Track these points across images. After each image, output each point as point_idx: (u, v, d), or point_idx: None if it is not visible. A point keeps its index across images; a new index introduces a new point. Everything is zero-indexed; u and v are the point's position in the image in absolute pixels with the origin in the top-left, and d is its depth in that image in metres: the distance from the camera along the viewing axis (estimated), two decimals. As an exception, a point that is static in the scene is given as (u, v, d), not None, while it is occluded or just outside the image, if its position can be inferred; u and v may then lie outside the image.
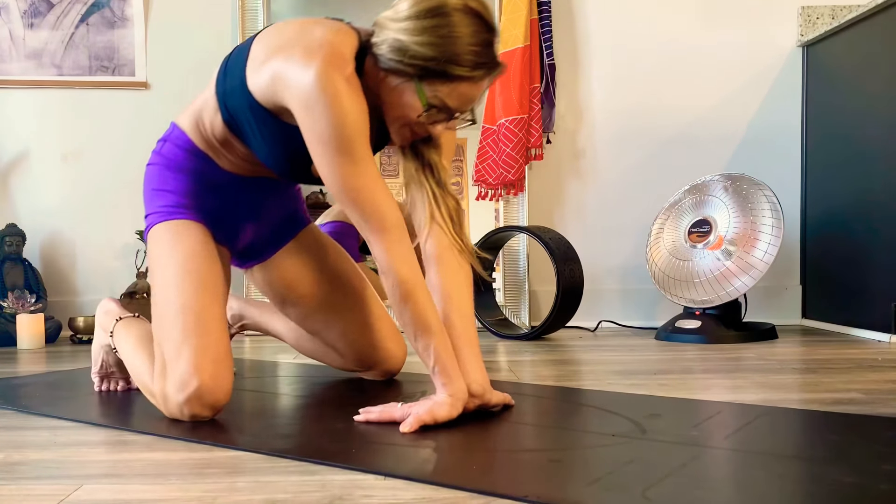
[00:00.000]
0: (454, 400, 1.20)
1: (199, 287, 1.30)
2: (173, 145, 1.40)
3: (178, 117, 1.42)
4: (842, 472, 0.94)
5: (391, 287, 1.22)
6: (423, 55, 1.18)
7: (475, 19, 1.19)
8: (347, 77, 1.19)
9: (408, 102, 1.23)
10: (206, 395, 1.23)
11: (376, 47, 1.23)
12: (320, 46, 1.19)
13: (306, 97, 1.17)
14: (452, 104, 1.22)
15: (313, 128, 1.19)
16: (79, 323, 2.55)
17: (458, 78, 1.19)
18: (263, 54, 1.25)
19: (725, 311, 2.36)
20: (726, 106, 2.81)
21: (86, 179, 2.77)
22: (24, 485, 0.96)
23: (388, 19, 1.23)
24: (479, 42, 1.19)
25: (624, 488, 0.89)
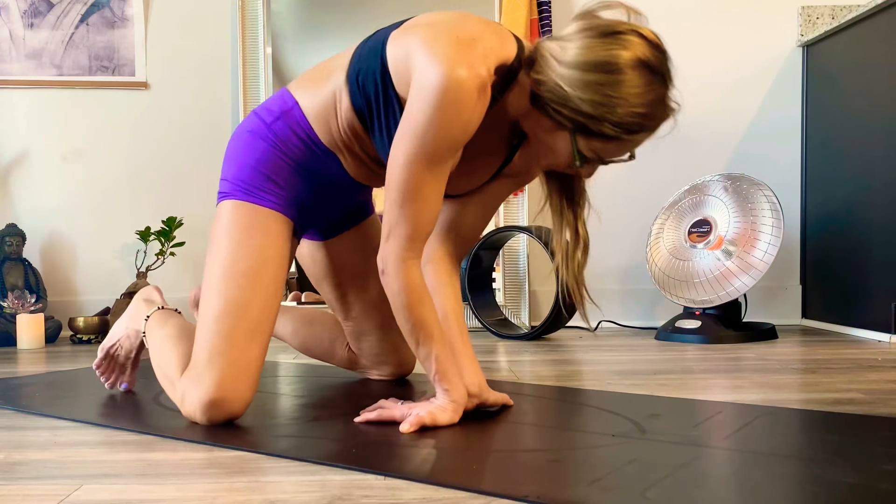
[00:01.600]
0: (456, 405, 1.20)
1: (259, 299, 1.24)
2: (289, 129, 1.27)
3: (297, 93, 1.28)
4: (842, 472, 0.94)
5: (399, 290, 1.18)
6: (584, 112, 1.10)
7: (647, 75, 1.09)
8: (478, 83, 1.10)
9: (560, 149, 1.16)
10: (225, 408, 1.21)
11: (536, 80, 1.14)
12: (468, 40, 1.12)
13: (425, 84, 1.10)
14: (607, 156, 1.16)
15: (414, 116, 1.12)
16: (79, 323, 2.55)
17: (615, 139, 1.12)
18: (412, 25, 1.17)
19: (725, 311, 2.36)
20: (726, 106, 2.81)
21: (86, 179, 2.77)
22: (24, 485, 0.96)
23: (553, 57, 1.12)
24: (648, 102, 1.10)
25: (624, 488, 0.89)
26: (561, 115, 1.12)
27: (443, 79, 1.09)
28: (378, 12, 2.74)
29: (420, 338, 1.20)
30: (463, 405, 1.22)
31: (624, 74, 1.08)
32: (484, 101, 1.13)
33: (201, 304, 1.27)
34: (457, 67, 1.09)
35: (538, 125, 1.18)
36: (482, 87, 1.12)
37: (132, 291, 2.57)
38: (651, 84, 1.10)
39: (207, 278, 1.26)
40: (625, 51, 1.09)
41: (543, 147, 1.20)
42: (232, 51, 2.77)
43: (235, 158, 1.31)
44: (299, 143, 1.27)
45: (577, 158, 1.15)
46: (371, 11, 2.74)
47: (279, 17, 2.77)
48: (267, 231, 1.26)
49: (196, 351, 1.25)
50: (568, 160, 1.17)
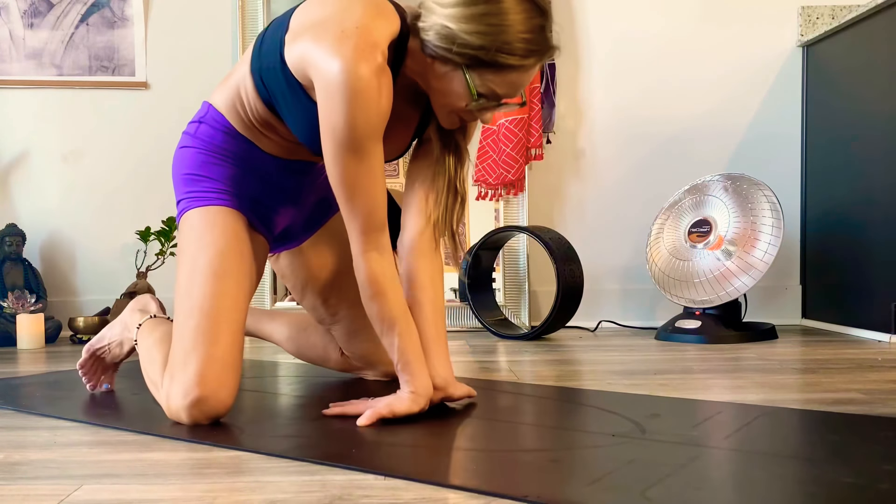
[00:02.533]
0: (416, 396, 1.23)
1: (221, 289, 1.26)
2: (209, 127, 1.33)
3: (212, 96, 1.36)
4: (842, 472, 0.94)
5: (362, 282, 1.24)
6: (472, 44, 1.15)
7: (526, 3, 1.16)
8: (376, 69, 1.14)
9: (456, 90, 1.20)
10: (206, 406, 1.21)
11: (423, 32, 1.19)
12: (354, 31, 1.14)
13: (327, 85, 1.13)
14: (502, 92, 1.20)
15: (328, 117, 1.16)
16: (79, 323, 2.55)
17: (509, 67, 1.17)
18: (300, 27, 1.20)
19: (725, 311, 2.36)
20: (726, 106, 2.81)
21: (86, 179, 2.77)
22: (24, 485, 0.96)
23: (435, 3, 1.18)
24: (531, 28, 1.16)
25: (624, 488, 0.89)
26: (451, 53, 1.17)
27: (342, 76, 1.12)
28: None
29: (383, 328, 1.25)
30: (425, 395, 1.24)
31: (504, 3, 1.14)
32: (387, 84, 1.16)
33: (175, 308, 1.29)
34: (352, 61, 1.12)
35: (434, 72, 1.21)
36: (381, 71, 1.14)
37: (132, 291, 2.57)
38: (531, 11, 1.16)
39: (177, 283, 1.30)
40: None
41: (441, 95, 1.23)
42: (232, 51, 2.77)
43: (176, 176, 1.37)
44: (221, 137, 1.32)
45: (473, 95, 1.19)
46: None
47: (279, 17, 2.77)
48: (219, 226, 1.30)
49: (172, 352, 1.26)
50: (465, 100, 1.20)
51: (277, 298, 2.76)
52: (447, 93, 1.22)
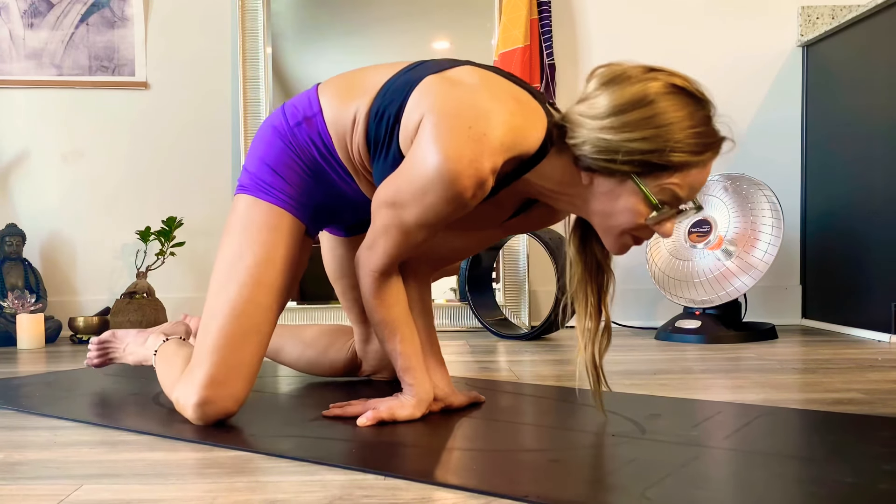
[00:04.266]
0: (418, 401, 1.24)
1: (258, 298, 1.22)
2: (309, 138, 1.24)
3: (324, 99, 1.24)
4: (842, 472, 0.94)
5: (368, 291, 1.22)
6: (640, 149, 1.05)
7: (684, 98, 1.07)
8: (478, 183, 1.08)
9: (629, 206, 1.09)
10: (210, 409, 1.21)
11: (575, 148, 1.10)
12: (482, 138, 1.07)
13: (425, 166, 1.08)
14: (683, 194, 1.10)
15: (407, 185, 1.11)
16: (79, 323, 2.55)
17: (685, 165, 1.07)
18: (435, 88, 1.13)
19: (725, 311, 2.36)
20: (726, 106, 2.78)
21: (86, 179, 2.77)
22: (24, 485, 0.96)
23: (583, 116, 1.10)
24: (699, 121, 1.07)
25: (624, 488, 0.89)
26: (616, 164, 1.07)
27: (440, 168, 1.07)
28: (377, 12, 2.74)
29: (386, 334, 1.24)
30: (427, 401, 1.25)
31: (661, 103, 1.06)
32: (480, 195, 1.10)
33: (207, 299, 1.27)
34: (457, 162, 1.06)
35: (593, 195, 1.12)
36: (479, 185, 1.09)
37: (132, 291, 2.58)
38: (691, 105, 1.08)
39: (214, 274, 1.26)
40: (653, 82, 1.07)
41: (606, 217, 1.13)
42: (232, 51, 2.77)
43: (256, 153, 1.29)
44: (317, 153, 1.26)
45: (654, 203, 1.08)
46: (371, 11, 2.74)
47: (279, 17, 2.77)
48: (276, 230, 1.25)
49: (196, 348, 1.25)
50: (641, 215, 1.10)
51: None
52: (616, 212, 1.11)
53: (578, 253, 1.22)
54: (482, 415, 1.29)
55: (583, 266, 1.21)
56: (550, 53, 2.70)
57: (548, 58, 2.69)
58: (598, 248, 1.22)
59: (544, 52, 2.69)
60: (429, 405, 1.26)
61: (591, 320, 1.21)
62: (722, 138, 1.11)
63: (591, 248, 1.22)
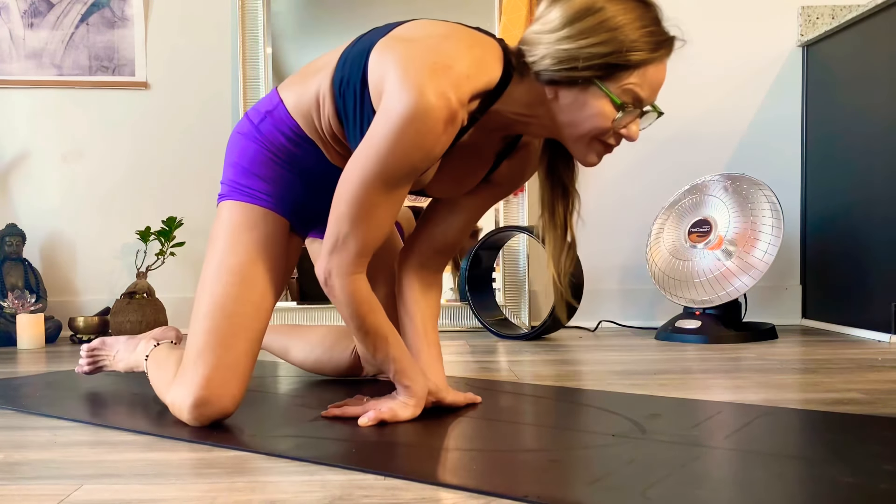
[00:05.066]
0: (417, 400, 1.25)
1: (246, 295, 1.23)
2: (275, 128, 1.27)
3: (284, 91, 1.28)
4: (842, 472, 0.94)
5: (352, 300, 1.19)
6: (599, 53, 1.09)
7: (632, 2, 1.11)
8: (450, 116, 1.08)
9: (595, 111, 1.13)
10: (207, 409, 1.20)
11: (535, 65, 1.13)
12: (445, 69, 1.09)
13: (393, 109, 1.08)
14: (644, 94, 1.14)
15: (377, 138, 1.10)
16: (79, 323, 2.55)
17: (643, 62, 1.11)
18: (391, 42, 1.15)
19: (725, 311, 2.36)
20: (726, 106, 2.81)
21: (86, 179, 2.77)
22: (24, 485, 0.96)
23: (538, 33, 1.13)
24: (649, 21, 1.12)
25: (624, 488, 0.89)
26: (578, 71, 1.10)
27: (410, 105, 1.07)
28: (378, 12, 2.74)
29: (376, 343, 1.23)
30: (423, 399, 1.26)
31: (610, 8, 1.10)
32: (451, 131, 1.11)
33: (194, 303, 1.27)
34: (426, 95, 1.07)
35: (560, 106, 1.15)
36: (451, 117, 1.09)
37: (132, 291, 2.57)
38: (639, 7, 1.12)
39: (201, 278, 1.27)
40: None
41: (574, 126, 1.16)
42: (232, 51, 2.77)
43: (229, 161, 1.32)
44: (284, 140, 1.27)
45: (617, 103, 1.12)
46: (371, 11, 2.74)
47: (279, 17, 2.77)
48: (260, 229, 1.26)
49: (186, 350, 1.25)
50: (607, 118, 1.13)
51: (277, 298, 2.76)
52: (583, 119, 1.14)
53: (546, 177, 1.27)
54: (482, 415, 1.29)
55: (550, 189, 1.26)
56: (550, 53, 2.70)
57: (548, 58, 2.69)
58: (564, 171, 1.26)
59: (544, 52, 2.69)
60: (424, 403, 1.27)
61: (558, 239, 1.26)
62: (673, 37, 1.15)
63: (559, 172, 1.26)
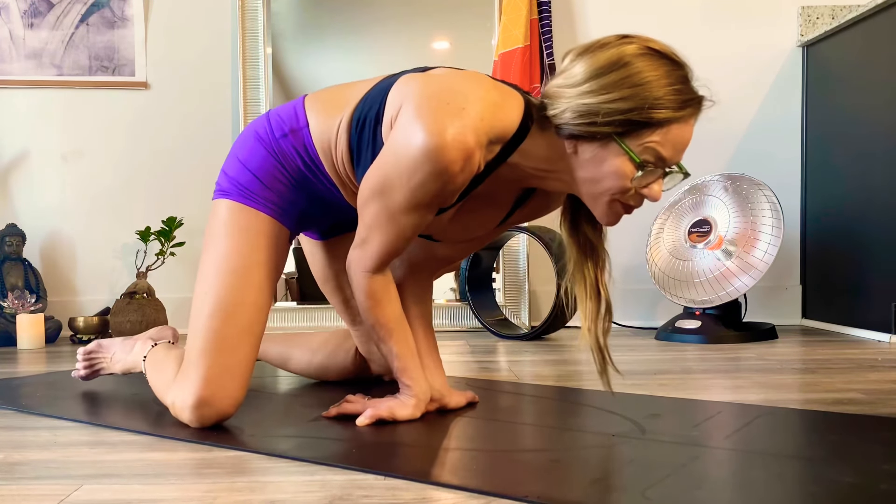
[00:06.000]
0: (417, 401, 1.25)
1: (247, 298, 1.23)
2: (296, 151, 1.25)
3: (311, 113, 1.25)
4: (842, 472, 0.94)
5: (362, 295, 1.21)
6: (619, 109, 1.06)
7: (661, 59, 1.08)
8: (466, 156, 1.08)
9: (613, 169, 1.09)
10: (207, 410, 1.20)
11: (556, 119, 1.11)
12: (461, 111, 1.08)
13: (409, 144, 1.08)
14: (667, 154, 1.09)
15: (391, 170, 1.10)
16: (79, 323, 2.55)
17: (667, 121, 1.07)
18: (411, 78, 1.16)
19: (725, 311, 2.36)
20: (726, 106, 2.80)
21: (86, 179, 2.77)
22: (24, 485, 0.96)
23: (561, 87, 1.11)
24: (676, 80, 1.08)
25: (624, 488, 0.89)
26: (597, 126, 1.07)
27: (424, 144, 1.07)
28: (377, 12, 2.74)
29: (382, 335, 1.24)
30: (425, 401, 1.26)
31: (637, 63, 1.07)
32: (468, 170, 1.10)
33: (193, 302, 1.26)
34: (441, 134, 1.07)
35: (579, 162, 1.12)
36: (467, 157, 1.08)
37: (132, 291, 2.57)
38: (667, 64, 1.09)
39: (200, 277, 1.26)
40: (629, 45, 1.08)
41: (593, 184, 1.13)
42: (232, 51, 2.77)
43: (238, 158, 1.29)
44: (302, 164, 1.26)
45: (636, 161, 1.08)
46: (371, 11, 2.74)
47: (279, 17, 2.77)
48: (261, 235, 1.26)
49: (187, 351, 1.25)
50: (626, 176, 1.09)
51: (277, 300, 2.76)
52: (602, 177, 1.11)
53: (571, 235, 1.24)
54: (482, 415, 1.29)
55: (577, 247, 1.23)
56: (550, 53, 2.70)
57: (548, 58, 2.69)
58: (589, 229, 1.23)
59: (544, 52, 2.69)
60: (426, 404, 1.27)
61: (591, 301, 1.22)
62: (701, 97, 1.12)
63: (582, 229, 1.23)
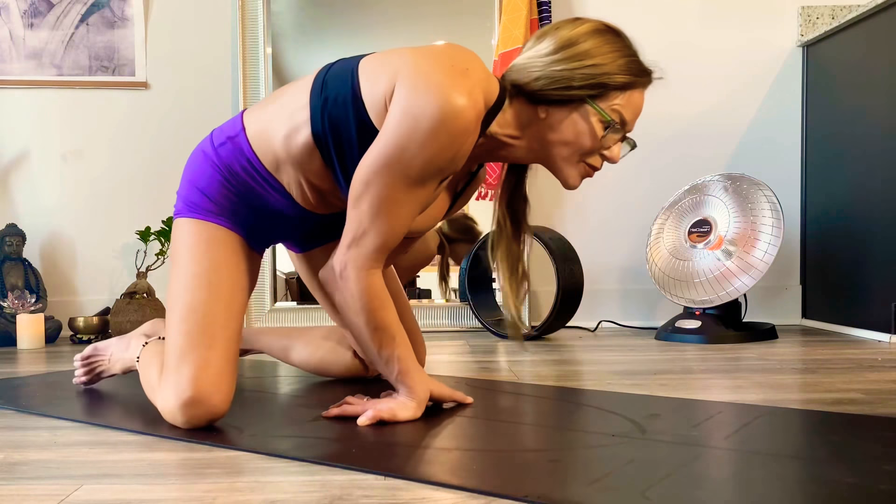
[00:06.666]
0: (419, 402, 1.25)
1: (216, 296, 1.24)
2: (234, 156, 1.27)
3: (249, 118, 1.29)
4: (842, 472, 0.94)
5: (357, 297, 1.20)
6: (592, 74, 1.19)
7: (617, 34, 1.23)
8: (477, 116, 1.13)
9: (583, 129, 1.22)
10: (200, 408, 1.19)
11: (528, 86, 1.21)
12: (466, 71, 1.13)
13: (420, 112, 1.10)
14: (629, 117, 1.24)
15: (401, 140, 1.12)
16: (79, 323, 2.55)
17: (631, 85, 1.22)
18: (391, 55, 1.18)
19: (725, 311, 2.36)
20: (726, 106, 2.81)
21: (86, 179, 2.77)
22: (24, 485, 0.96)
23: (532, 59, 1.22)
24: (632, 51, 1.23)
25: (624, 488, 0.89)
26: (573, 90, 1.19)
27: (440, 107, 1.09)
28: (377, 12, 2.74)
29: (383, 340, 1.23)
30: (424, 402, 1.27)
31: (597, 37, 1.21)
32: (475, 133, 1.16)
33: (167, 314, 1.27)
34: (456, 96, 1.10)
35: (550, 125, 1.22)
36: (478, 117, 1.15)
37: (132, 291, 2.58)
38: (622, 39, 1.24)
39: (169, 291, 1.28)
40: (585, 24, 1.22)
41: (563, 145, 1.23)
42: (232, 51, 2.77)
43: (186, 176, 1.33)
44: (240, 169, 1.27)
45: (607, 120, 1.20)
46: (371, 11, 2.74)
47: (279, 17, 2.77)
48: (217, 241, 1.28)
49: (166, 354, 1.25)
50: (594, 137, 1.22)
51: (277, 300, 2.76)
52: (571, 139, 1.23)
53: (506, 208, 1.34)
54: (482, 415, 1.29)
55: (509, 220, 1.34)
56: (550, 53, 2.70)
57: (548, 58, 2.69)
58: (522, 204, 1.35)
59: (544, 52, 2.69)
60: (425, 405, 1.27)
61: (511, 270, 1.32)
62: (651, 70, 1.26)
63: (517, 204, 1.35)
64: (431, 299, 2.79)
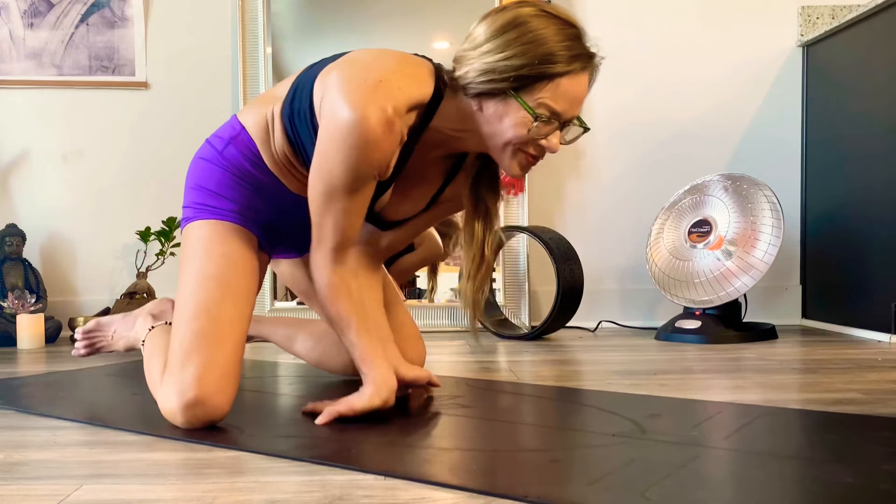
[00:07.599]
0: (376, 388, 1.25)
1: (228, 298, 1.25)
2: (239, 153, 1.32)
3: (245, 118, 1.34)
4: (842, 472, 0.94)
5: (322, 289, 1.28)
6: (513, 65, 1.16)
7: (553, 19, 1.18)
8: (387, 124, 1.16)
9: (513, 121, 1.19)
10: (202, 409, 1.19)
11: (462, 80, 1.21)
12: (378, 84, 1.16)
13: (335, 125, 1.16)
14: (560, 107, 1.19)
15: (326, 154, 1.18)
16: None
17: (556, 75, 1.17)
18: (330, 67, 1.23)
19: (725, 311, 2.36)
20: (726, 105, 2.81)
21: (86, 179, 2.77)
22: (24, 485, 0.96)
23: (467, 50, 1.21)
24: (567, 36, 1.17)
25: (624, 488, 0.89)
26: (495, 83, 1.17)
27: (349, 119, 1.14)
28: (377, 12, 2.74)
29: (342, 327, 1.29)
30: (385, 385, 1.25)
31: (531, 23, 1.17)
32: (393, 138, 1.18)
33: (175, 311, 1.28)
34: (362, 108, 1.14)
35: (485, 118, 1.21)
36: (388, 125, 1.16)
37: (132, 292, 2.57)
38: (557, 24, 1.18)
39: (180, 288, 1.28)
40: (525, 7, 1.19)
41: (499, 136, 1.22)
42: (232, 51, 2.77)
43: (191, 184, 1.35)
44: (249, 164, 1.32)
45: (531, 113, 1.17)
46: (370, 11, 2.74)
47: (279, 17, 2.77)
48: (232, 241, 1.30)
49: (171, 352, 1.25)
50: (523, 126, 1.19)
51: (277, 299, 2.76)
52: (504, 129, 1.21)
53: (470, 194, 1.33)
54: (482, 415, 1.29)
55: (472, 206, 1.33)
56: (550, 53, 2.70)
57: (548, 58, 2.69)
58: (488, 193, 1.33)
59: (544, 52, 2.69)
60: (390, 391, 1.26)
61: (474, 258, 1.32)
62: (592, 53, 1.21)
63: (482, 192, 1.33)
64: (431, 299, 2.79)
